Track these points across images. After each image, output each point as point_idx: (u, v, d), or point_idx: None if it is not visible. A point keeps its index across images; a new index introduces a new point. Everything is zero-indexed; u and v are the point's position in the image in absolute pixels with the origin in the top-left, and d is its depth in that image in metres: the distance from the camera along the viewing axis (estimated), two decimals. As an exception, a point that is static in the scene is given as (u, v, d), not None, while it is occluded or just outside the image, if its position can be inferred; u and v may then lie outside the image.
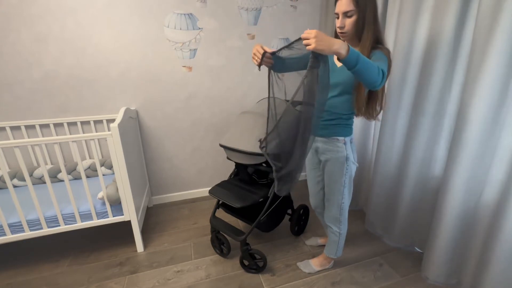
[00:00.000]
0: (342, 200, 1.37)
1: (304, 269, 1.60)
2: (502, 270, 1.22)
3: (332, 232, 1.49)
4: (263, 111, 1.55)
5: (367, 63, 0.94)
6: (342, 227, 1.45)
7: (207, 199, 2.44)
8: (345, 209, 1.41)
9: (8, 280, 1.54)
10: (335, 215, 1.42)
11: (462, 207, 1.32)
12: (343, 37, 1.15)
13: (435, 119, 1.47)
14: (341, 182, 1.33)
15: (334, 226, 1.46)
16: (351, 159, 1.30)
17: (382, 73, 0.98)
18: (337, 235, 1.47)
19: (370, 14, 1.08)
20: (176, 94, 2.16)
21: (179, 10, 1.98)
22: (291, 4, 2.25)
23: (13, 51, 1.75)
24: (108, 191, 1.57)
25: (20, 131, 1.89)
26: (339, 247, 1.52)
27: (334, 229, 1.46)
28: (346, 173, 1.31)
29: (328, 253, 1.56)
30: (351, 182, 1.38)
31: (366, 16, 1.08)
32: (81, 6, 1.78)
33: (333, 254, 1.54)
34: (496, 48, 1.08)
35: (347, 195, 1.38)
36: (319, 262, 1.61)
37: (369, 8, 1.07)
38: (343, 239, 1.50)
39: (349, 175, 1.33)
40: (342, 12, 1.09)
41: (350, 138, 1.31)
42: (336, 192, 1.36)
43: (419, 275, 1.55)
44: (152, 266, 1.65)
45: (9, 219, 1.48)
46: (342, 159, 1.29)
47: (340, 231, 1.46)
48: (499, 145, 1.19)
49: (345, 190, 1.35)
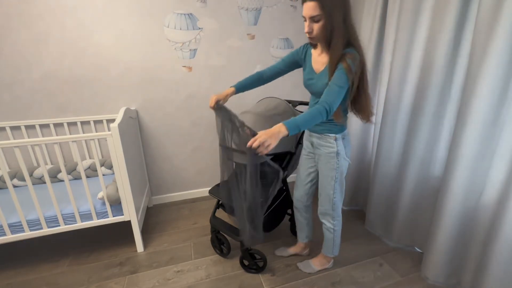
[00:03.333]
0: (333, 194, 1.37)
1: (305, 270, 1.59)
2: (502, 270, 1.22)
3: (326, 229, 1.48)
4: (263, 111, 1.55)
5: (306, 121, 1.05)
6: (336, 223, 1.44)
7: (207, 199, 2.44)
8: (337, 204, 1.40)
9: (8, 280, 1.54)
10: (327, 210, 1.42)
11: (462, 207, 1.32)
12: (312, 41, 1.15)
13: (435, 119, 1.47)
14: (331, 176, 1.33)
15: (327, 222, 1.46)
16: (342, 155, 1.30)
17: (326, 110, 1.06)
18: (332, 232, 1.47)
19: (338, 18, 1.03)
20: (176, 94, 2.16)
21: (179, 10, 1.98)
22: (291, 4, 2.25)
23: (13, 51, 1.75)
24: (108, 191, 1.57)
25: (20, 131, 1.89)
26: (335, 245, 1.51)
27: (327, 225, 1.46)
28: (338, 168, 1.31)
29: (325, 251, 1.56)
30: (343, 178, 1.37)
31: (334, 20, 1.03)
32: (81, 6, 1.78)
33: (330, 252, 1.53)
34: (496, 48, 1.08)
35: (338, 190, 1.37)
36: (319, 261, 1.60)
37: (337, 12, 1.02)
38: (339, 236, 1.50)
39: (340, 171, 1.33)
40: (309, 16, 1.06)
41: (342, 135, 1.30)
42: (327, 186, 1.36)
43: (419, 275, 1.55)
44: (152, 266, 1.65)
45: (9, 219, 1.48)
46: (333, 154, 1.29)
47: (334, 227, 1.45)
48: (499, 145, 1.19)
49: (336, 185, 1.35)
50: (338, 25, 1.05)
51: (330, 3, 1.01)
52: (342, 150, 1.30)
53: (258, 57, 2.28)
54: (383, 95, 1.75)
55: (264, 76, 1.42)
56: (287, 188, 1.76)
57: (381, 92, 1.80)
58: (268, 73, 1.41)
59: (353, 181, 2.16)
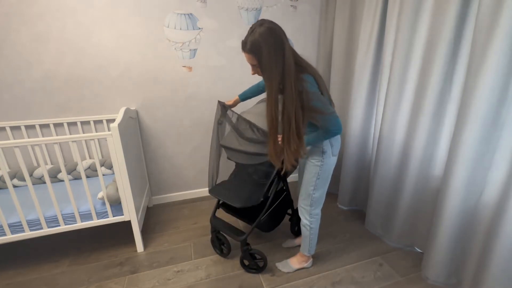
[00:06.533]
0: (313, 191, 1.39)
1: (283, 269, 1.60)
2: (502, 270, 1.22)
3: (303, 226, 1.50)
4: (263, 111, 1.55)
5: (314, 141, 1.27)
6: (313, 221, 1.46)
7: (207, 199, 2.44)
8: (316, 202, 1.43)
9: (8, 280, 1.54)
10: (305, 206, 1.45)
11: (462, 207, 1.32)
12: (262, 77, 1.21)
13: (435, 119, 1.47)
14: (314, 172, 1.36)
15: (304, 218, 1.48)
16: (328, 153, 1.34)
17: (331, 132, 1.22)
18: (307, 229, 1.48)
19: (267, 61, 1.08)
20: (176, 94, 2.16)
21: (179, 10, 1.98)
22: (291, 4, 2.25)
23: (13, 51, 1.75)
24: (108, 191, 1.57)
25: (20, 131, 1.89)
26: (311, 244, 1.53)
27: (304, 221, 1.48)
28: (322, 165, 1.35)
29: (302, 249, 1.58)
30: (327, 176, 1.40)
31: (263, 65, 1.10)
32: (81, 6, 1.78)
33: (306, 251, 1.55)
34: (496, 48, 1.08)
35: (319, 188, 1.39)
36: (296, 260, 1.62)
37: (266, 55, 1.07)
38: (315, 235, 1.51)
39: (324, 168, 1.36)
40: (250, 64, 1.18)
41: None
42: (308, 181, 1.39)
43: (419, 275, 1.55)
44: (152, 266, 1.65)
45: (9, 219, 1.48)
46: (318, 152, 1.34)
47: (311, 224, 1.47)
48: (499, 145, 1.19)
49: (318, 181, 1.37)
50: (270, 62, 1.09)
51: (260, 51, 1.08)
52: (329, 149, 1.34)
53: (258, 57, 2.28)
54: (383, 95, 1.75)
55: (261, 86, 1.60)
56: (287, 188, 1.76)
57: (381, 92, 1.80)
58: None
59: (353, 181, 2.16)
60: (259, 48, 1.07)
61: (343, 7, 2.05)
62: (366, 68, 1.87)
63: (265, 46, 1.06)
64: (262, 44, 1.06)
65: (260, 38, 1.06)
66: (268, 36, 1.07)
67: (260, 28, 1.07)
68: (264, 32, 1.07)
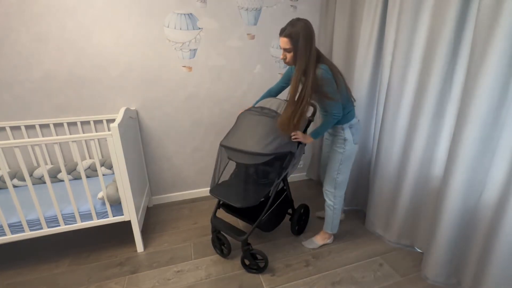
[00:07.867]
0: (337, 175, 1.61)
1: (309, 246, 1.78)
2: (502, 270, 1.22)
3: (327, 206, 1.71)
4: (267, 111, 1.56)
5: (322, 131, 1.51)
6: (337, 202, 1.67)
7: (207, 199, 2.44)
8: (340, 184, 1.64)
9: (8, 280, 1.54)
10: (330, 189, 1.67)
11: (462, 207, 1.32)
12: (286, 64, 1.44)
13: (435, 119, 1.47)
14: (337, 159, 1.59)
15: (328, 199, 1.69)
16: (350, 141, 1.55)
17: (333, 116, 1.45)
18: (331, 209, 1.70)
19: (302, 48, 1.32)
20: (176, 94, 2.16)
21: (179, 10, 1.98)
22: (291, 4, 2.25)
23: (13, 51, 1.75)
24: (108, 191, 1.57)
25: (20, 131, 1.89)
26: (334, 223, 1.73)
27: (328, 202, 1.70)
28: (343, 152, 1.56)
29: (325, 228, 1.78)
30: (349, 162, 1.60)
31: (298, 50, 1.33)
32: (81, 6, 1.78)
33: (329, 229, 1.75)
34: (496, 48, 1.08)
35: (342, 172, 1.61)
36: (320, 237, 1.81)
37: (302, 43, 1.32)
38: (338, 215, 1.72)
39: (346, 155, 1.57)
40: (283, 48, 1.38)
41: (349, 124, 1.55)
42: (332, 167, 1.62)
43: (419, 275, 1.55)
44: (152, 266, 1.65)
45: (9, 219, 1.48)
46: (341, 140, 1.56)
47: (334, 205, 1.68)
48: (499, 145, 1.20)
49: (341, 167, 1.59)
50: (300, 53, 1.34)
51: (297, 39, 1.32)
52: (350, 137, 1.55)
53: (258, 57, 2.28)
54: (383, 95, 1.75)
55: (272, 92, 1.75)
56: (288, 188, 1.76)
57: (381, 92, 1.80)
58: (275, 89, 1.74)
59: (353, 181, 2.15)
60: (298, 36, 1.32)
61: (343, 7, 2.05)
62: (366, 68, 1.87)
63: (302, 36, 1.32)
64: (300, 33, 1.31)
65: (299, 29, 1.32)
66: (306, 29, 1.32)
67: (299, 22, 1.33)
68: (303, 25, 1.33)
